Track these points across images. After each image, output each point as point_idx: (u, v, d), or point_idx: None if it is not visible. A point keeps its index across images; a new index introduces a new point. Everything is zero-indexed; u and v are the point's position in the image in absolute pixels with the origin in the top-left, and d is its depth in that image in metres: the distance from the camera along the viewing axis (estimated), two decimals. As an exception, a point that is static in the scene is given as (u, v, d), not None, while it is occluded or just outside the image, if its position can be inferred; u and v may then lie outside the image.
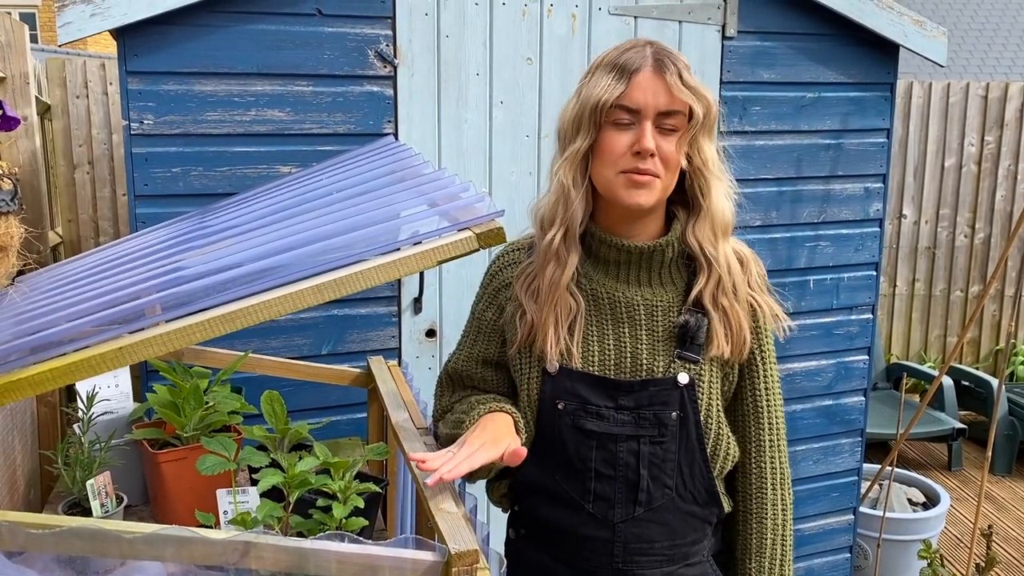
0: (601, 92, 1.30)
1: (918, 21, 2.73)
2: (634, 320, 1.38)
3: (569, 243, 1.36)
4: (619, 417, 1.36)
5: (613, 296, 1.39)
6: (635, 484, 1.36)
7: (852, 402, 3.05)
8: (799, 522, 3.07)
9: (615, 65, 1.31)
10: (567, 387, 1.38)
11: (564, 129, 1.37)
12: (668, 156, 1.31)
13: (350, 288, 1.16)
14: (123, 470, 1.72)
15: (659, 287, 1.39)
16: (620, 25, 2.52)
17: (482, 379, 1.51)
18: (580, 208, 1.35)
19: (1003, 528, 3.96)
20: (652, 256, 1.38)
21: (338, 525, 1.37)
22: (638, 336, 1.38)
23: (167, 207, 2.18)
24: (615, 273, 1.40)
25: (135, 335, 1.10)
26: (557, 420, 1.38)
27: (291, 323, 2.33)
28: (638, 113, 1.29)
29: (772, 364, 1.45)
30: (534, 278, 1.40)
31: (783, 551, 1.44)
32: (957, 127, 5.33)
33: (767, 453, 1.43)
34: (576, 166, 1.34)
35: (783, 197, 2.80)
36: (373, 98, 2.32)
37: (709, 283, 1.36)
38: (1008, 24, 12.12)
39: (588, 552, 1.39)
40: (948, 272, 5.50)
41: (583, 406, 1.37)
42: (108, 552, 1.04)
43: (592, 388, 1.37)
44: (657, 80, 1.29)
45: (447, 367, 1.57)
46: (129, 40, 2.10)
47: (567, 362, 1.38)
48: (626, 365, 1.37)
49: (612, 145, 1.31)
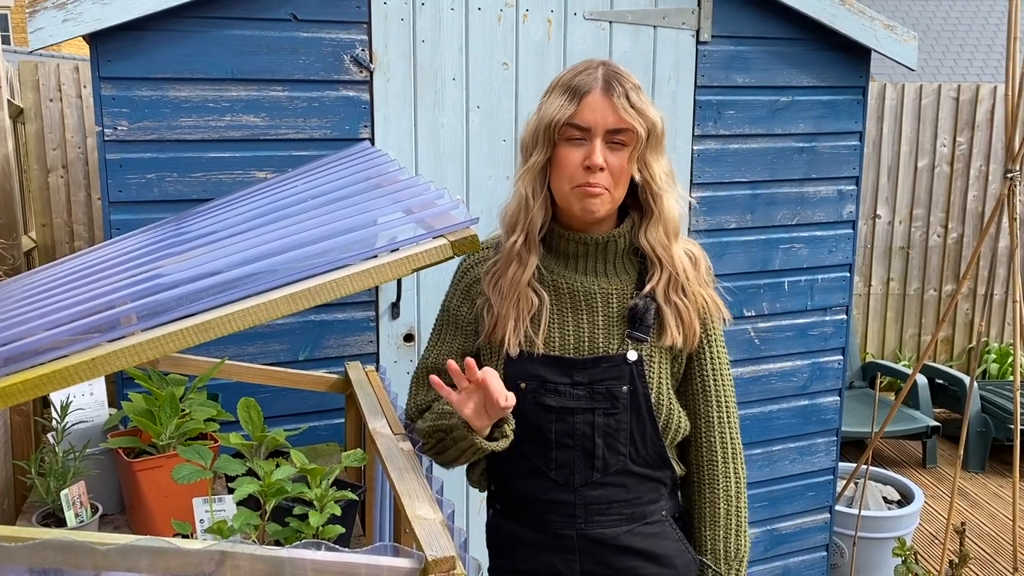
0: (555, 112, 1.44)
1: (889, 26, 2.76)
2: (591, 306, 1.52)
3: (530, 246, 1.51)
4: (575, 392, 1.50)
5: (572, 286, 1.53)
6: (591, 452, 1.50)
7: (827, 402, 3.08)
8: (776, 521, 3.09)
9: (568, 87, 1.45)
10: (528, 369, 1.51)
11: (525, 142, 1.51)
12: (617, 170, 1.45)
13: (325, 297, 1.16)
14: (98, 479, 1.71)
15: (614, 276, 1.54)
16: (595, 30, 2.54)
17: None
18: (539, 215, 1.49)
19: (976, 524, 4.02)
20: (607, 247, 1.52)
21: (315, 533, 1.37)
22: (595, 321, 1.52)
23: (142, 213, 2.17)
24: (574, 265, 1.53)
25: (110, 345, 1.10)
26: (521, 399, 1.50)
27: (268, 329, 2.33)
28: (588, 131, 1.43)
29: (720, 348, 1.59)
30: (499, 276, 1.53)
31: (737, 521, 1.62)
32: (930, 128, 5.41)
33: (716, 428, 1.58)
34: (535, 177, 1.48)
35: (758, 200, 2.82)
36: (349, 103, 2.32)
37: (661, 280, 1.51)
38: (979, 27, 12.28)
39: (554, 515, 1.54)
40: (922, 271, 5.57)
41: (542, 384, 1.51)
42: (82, 564, 1.03)
43: (550, 368, 1.51)
44: (605, 101, 1.42)
45: (423, 364, 1.65)
46: (102, 45, 2.09)
47: (529, 349, 1.51)
48: (583, 347, 1.51)
49: (566, 160, 1.45)
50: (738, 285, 2.80)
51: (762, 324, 2.91)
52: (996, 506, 4.22)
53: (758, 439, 2.98)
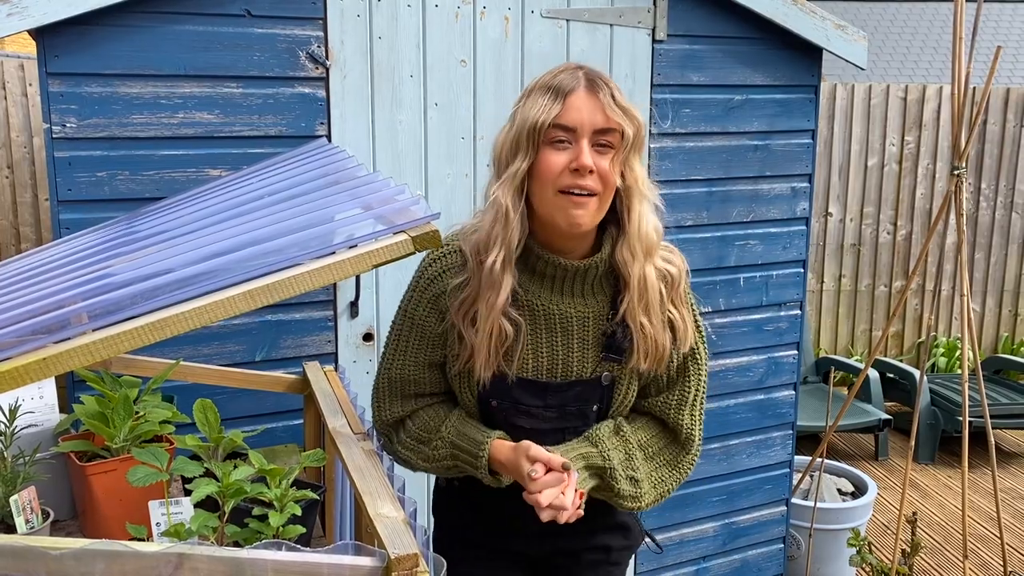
0: (538, 113, 1.34)
1: (840, 25, 2.81)
2: (567, 330, 1.47)
3: (506, 266, 1.40)
4: (547, 415, 1.49)
5: (548, 308, 1.46)
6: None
7: (783, 396, 3.13)
8: (734, 515, 3.13)
9: (549, 87, 1.36)
10: (501, 390, 1.49)
11: (500, 154, 1.40)
12: (605, 173, 1.35)
13: (283, 293, 1.15)
14: (49, 484, 1.67)
15: (591, 298, 1.47)
16: (552, 28, 2.55)
17: (428, 382, 1.56)
18: (518, 229, 1.39)
19: (927, 514, 4.11)
20: (586, 273, 1.45)
21: (275, 533, 1.36)
22: (569, 344, 1.47)
23: (92, 212, 2.12)
24: (550, 286, 1.46)
25: (60, 345, 1.07)
26: (491, 415, 1.51)
27: (223, 329, 2.29)
28: (574, 132, 1.34)
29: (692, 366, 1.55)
30: (471, 304, 1.43)
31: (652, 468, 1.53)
32: (879, 128, 5.52)
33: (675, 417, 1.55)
34: (514, 188, 1.38)
35: (713, 197, 2.86)
36: (305, 100, 2.29)
37: (632, 302, 1.44)
38: (925, 28, 12.58)
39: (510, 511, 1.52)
40: (873, 268, 5.69)
41: (515, 405, 1.49)
42: (34, 570, 1.01)
43: (524, 390, 1.48)
44: (591, 100, 1.34)
45: (388, 374, 1.57)
46: (49, 41, 2.03)
47: (502, 372, 1.46)
48: (557, 370, 1.48)
49: (551, 164, 1.35)
50: (694, 282, 2.82)
51: (719, 320, 2.94)
52: (946, 496, 4.32)
53: (716, 434, 3.02)
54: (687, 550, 3.07)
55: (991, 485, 3.41)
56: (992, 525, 4.00)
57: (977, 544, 3.84)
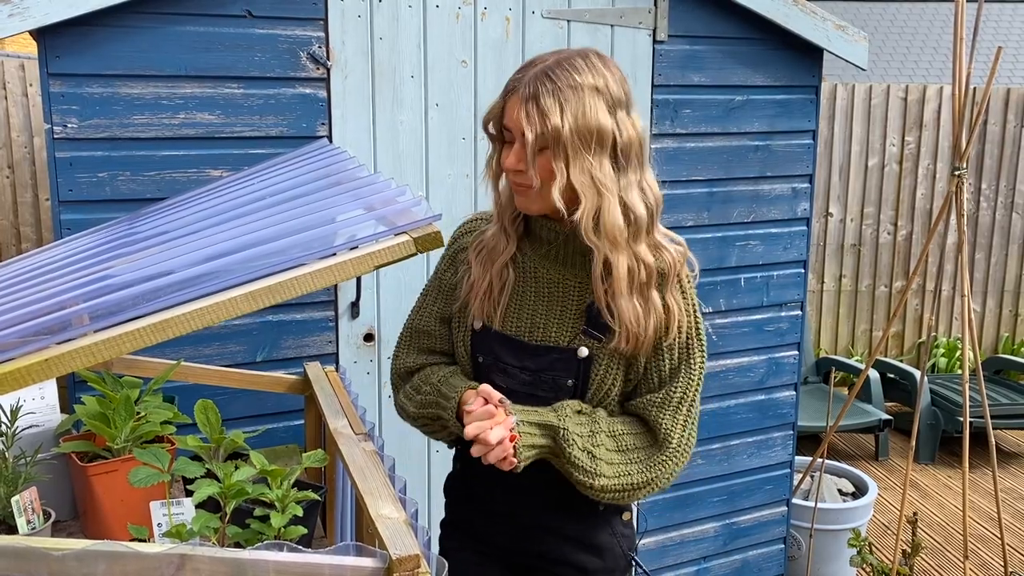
0: (490, 109, 1.46)
1: (840, 26, 2.81)
2: (551, 295, 1.53)
3: (508, 231, 1.53)
4: (522, 377, 1.53)
5: (537, 271, 1.54)
6: None
7: (783, 396, 3.13)
8: (735, 515, 3.13)
9: (506, 85, 1.44)
10: (486, 343, 1.56)
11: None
12: (540, 169, 1.39)
13: (285, 295, 1.15)
14: (51, 485, 1.67)
15: (579, 269, 1.51)
16: (553, 28, 2.55)
17: (439, 336, 1.66)
18: (509, 205, 1.51)
19: (927, 514, 4.11)
20: (575, 239, 1.47)
21: (277, 534, 1.36)
22: (551, 310, 1.53)
23: (93, 213, 2.12)
24: (545, 251, 1.53)
25: (62, 346, 1.07)
26: (478, 371, 1.58)
27: (225, 330, 2.29)
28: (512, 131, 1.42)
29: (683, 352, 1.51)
30: (485, 247, 1.56)
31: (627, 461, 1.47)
32: (879, 128, 5.52)
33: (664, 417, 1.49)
34: (493, 171, 1.51)
35: (714, 198, 2.86)
36: (306, 100, 2.29)
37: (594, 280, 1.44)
38: (925, 28, 12.58)
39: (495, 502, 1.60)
40: (873, 268, 5.69)
41: (496, 361, 1.55)
42: (36, 571, 1.01)
43: (503, 346, 1.55)
44: (519, 104, 1.39)
45: (410, 324, 1.70)
46: (50, 41, 2.04)
47: (490, 323, 1.55)
48: (537, 332, 1.53)
49: (500, 158, 1.47)
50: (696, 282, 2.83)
51: (719, 320, 2.94)
52: (946, 496, 4.32)
53: (716, 434, 3.02)
54: (687, 550, 3.08)
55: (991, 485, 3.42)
56: (992, 525, 4.00)
57: (977, 544, 3.84)
